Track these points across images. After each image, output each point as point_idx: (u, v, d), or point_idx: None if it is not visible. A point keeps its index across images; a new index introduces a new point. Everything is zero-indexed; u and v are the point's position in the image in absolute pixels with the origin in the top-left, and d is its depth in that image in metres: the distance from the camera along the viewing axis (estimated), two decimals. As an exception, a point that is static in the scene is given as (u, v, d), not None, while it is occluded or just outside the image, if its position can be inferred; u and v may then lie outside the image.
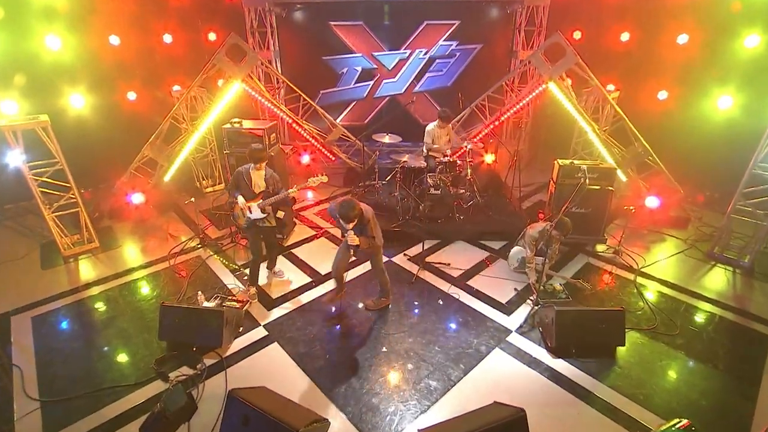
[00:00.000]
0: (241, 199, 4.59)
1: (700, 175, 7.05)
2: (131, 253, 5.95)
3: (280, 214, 4.71)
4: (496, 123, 7.55)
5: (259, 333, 4.41)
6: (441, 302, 4.85)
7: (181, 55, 8.39)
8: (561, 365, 3.98)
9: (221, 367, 3.96)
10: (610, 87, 7.44)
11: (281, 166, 6.58)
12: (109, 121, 7.36)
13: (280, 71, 8.57)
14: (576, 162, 5.86)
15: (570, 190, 5.39)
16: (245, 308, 4.71)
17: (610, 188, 5.73)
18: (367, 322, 4.57)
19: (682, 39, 7.11)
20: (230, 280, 5.27)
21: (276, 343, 4.27)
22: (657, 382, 3.82)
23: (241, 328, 4.45)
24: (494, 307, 4.79)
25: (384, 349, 4.18)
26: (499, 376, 3.88)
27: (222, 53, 6.69)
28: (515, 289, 5.09)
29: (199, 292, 4.81)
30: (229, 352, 4.13)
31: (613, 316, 4.09)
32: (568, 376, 3.87)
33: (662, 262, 5.69)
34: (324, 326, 4.51)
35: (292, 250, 5.99)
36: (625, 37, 7.97)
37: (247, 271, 5.07)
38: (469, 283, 5.24)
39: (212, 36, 8.65)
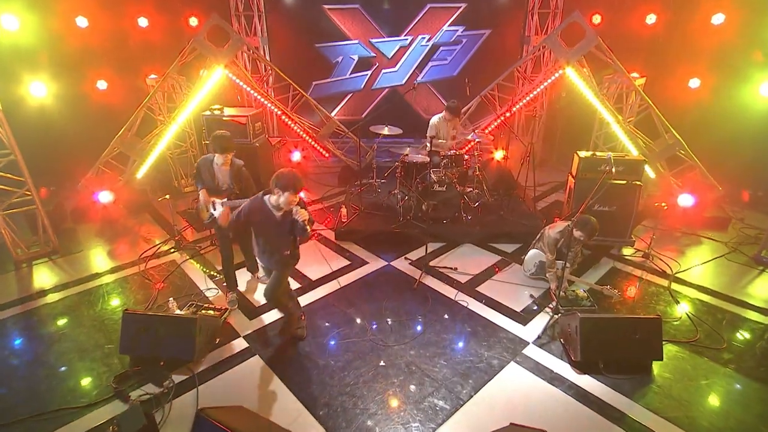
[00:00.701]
0: (202, 195, 4.42)
1: (741, 171, 6.85)
2: (96, 257, 5.73)
3: None
4: (507, 114, 7.38)
5: (239, 345, 4.16)
6: (447, 316, 4.60)
7: (158, 41, 8.26)
8: (587, 382, 3.73)
9: (193, 384, 3.71)
10: (634, 75, 7.30)
11: (266, 161, 6.42)
12: (75, 113, 7.21)
13: (268, 59, 8.45)
14: (599, 153, 5.68)
15: (592, 185, 5.20)
16: (224, 317, 4.48)
17: (638, 183, 5.54)
18: (362, 332, 4.33)
19: (718, 19, 6.95)
20: (208, 286, 5.05)
21: (258, 356, 4.03)
22: (703, 403, 3.55)
23: (218, 340, 4.21)
24: (508, 316, 4.55)
25: (382, 363, 3.93)
26: (516, 394, 3.62)
27: (202, 35, 6.57)
28: (531, 296, 4.87)
29: (171, 299, 4.57)
30: (202, 367, 3.88)
31: (647, 324, 3.84)
32: (597, 394, 3.61)
33: (700, 267, 5.46)
34: (313, 337, 4.27)
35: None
36: (650, 19, 7.83)
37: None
38: (478, 289, 5.02)
39: (194, 21, 8.53)
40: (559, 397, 3.60)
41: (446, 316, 4.57)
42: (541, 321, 4.47)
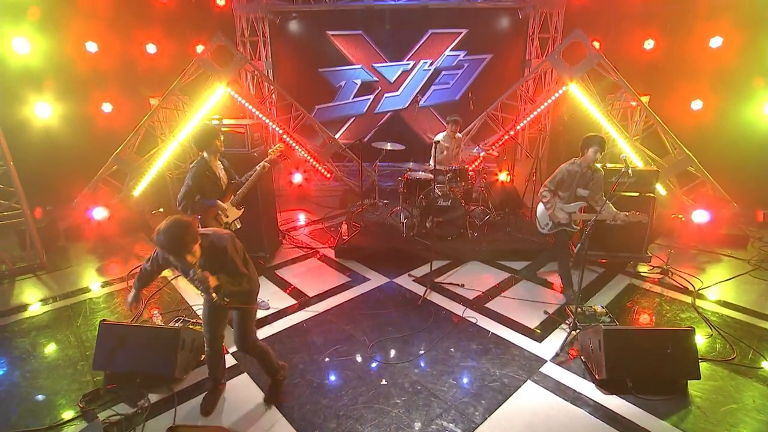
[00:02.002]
0: (220, 204, 3.95)
1: (752, 191, 6.49)
2: (83, 273, 5.33)
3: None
4: (511, 133, 7.11)
5: (227, 361, 3.66)
6: (454, 333, 4.11)
7: (165, 67, 8.18)
8: (615, 402, 3.22)
9: (171, 403, 3.22)
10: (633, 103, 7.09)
11: (266, 174, 6.10)
12: (80, 135, 6.97)
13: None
14: (609, 165, 5.33)
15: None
16: (211, 333, 4.00)
17: (652, 195, 5.16)
18: (361, 349, 3.86)
19: (716, 42, 6.82)
20: (198, 302, 4.61)
21: (246, 374, 3.57)
22: (756, 429, 3.02)
23: (203, 356, 3.72)
24: (521, 333, 4.07)
25: (383, 382, 3.44)
26: (535, 416, 3.11)
27: (206, 54, 6.44)
28: (545, 312, 4.39)
29: (155, 312, 4.15)
30: (183, 385, 3.41)
31: (679, 337, 3.36)
32: (628, 417, 3.09)
33: (724, 283, 4.99)
34: (308, 354, 3.79)
35: (276, 271, 5.37)
36: (649, 44, 7.72)
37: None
38: (487, 305, 4.55)
39: (200, 48, 8.50)
40: (585, 419, 3.08)
41: (453, 333, 4.09)
42: (557, 338, 3.98)
